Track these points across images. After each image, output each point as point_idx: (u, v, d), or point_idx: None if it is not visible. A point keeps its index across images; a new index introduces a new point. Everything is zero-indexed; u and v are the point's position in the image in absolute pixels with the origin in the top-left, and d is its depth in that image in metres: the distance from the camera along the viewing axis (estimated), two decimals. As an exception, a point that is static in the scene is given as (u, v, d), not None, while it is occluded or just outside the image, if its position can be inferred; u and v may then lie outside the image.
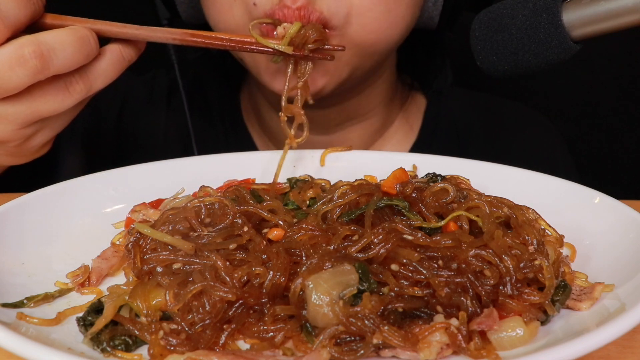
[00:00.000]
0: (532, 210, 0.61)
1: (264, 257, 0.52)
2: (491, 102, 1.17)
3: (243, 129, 1.10)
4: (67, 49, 0.65)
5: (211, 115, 1.11)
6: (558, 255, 0.57)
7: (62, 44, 0.64)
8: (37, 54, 0.62)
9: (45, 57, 0.63)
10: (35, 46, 0.63)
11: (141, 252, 0.55)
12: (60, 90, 0.67)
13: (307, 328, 0.48)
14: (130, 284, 0.56)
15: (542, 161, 1.10)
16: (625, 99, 1.52)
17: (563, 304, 0.52)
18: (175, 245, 0.54)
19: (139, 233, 0.56)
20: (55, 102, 0.67)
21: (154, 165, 0.78)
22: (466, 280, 0.50)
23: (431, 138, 1.08)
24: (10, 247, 0.61)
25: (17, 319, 0.50)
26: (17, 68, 0.62)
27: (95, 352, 0.47)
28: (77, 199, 0.70)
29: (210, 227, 0.57)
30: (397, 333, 0.46)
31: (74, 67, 0.66)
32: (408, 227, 0.53)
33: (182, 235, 0.56)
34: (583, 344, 0.42)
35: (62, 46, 0.64)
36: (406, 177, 0.62)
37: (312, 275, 0.49)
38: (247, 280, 0.51)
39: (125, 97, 1.11)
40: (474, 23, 0.72)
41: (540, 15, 0.65)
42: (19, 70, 0.62)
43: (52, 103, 0.67)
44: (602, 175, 1.43)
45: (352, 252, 0.52)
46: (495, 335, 0.47)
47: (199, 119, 1.09)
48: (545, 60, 0.67)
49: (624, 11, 0.61)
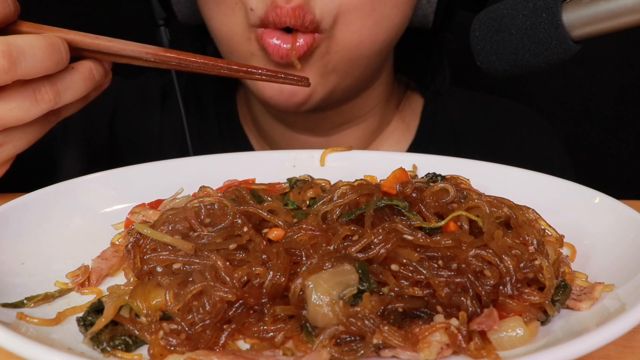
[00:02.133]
0: (532, 210, 0.61)
1: (264, 257, 0.52)
2: (488, 101, 1.17)
3: (239, 130, 1.10)
4: (37, 54, 0.63)
5: (207, 116, 1.11)
6: (558, 255, 0.57)
7: (32, 48, 0.63)
8: (5, 54, 0.61)
9: (14, 58, 0.61)
10: (4, 46, 0.61)
11: (141, 252, 0.55)
12: (27, 97, 0.65)
13: (307, 328, 0.48)
14: (130, 284, 0.56)
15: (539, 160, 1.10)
16: (625, 99, 1.52)
17: (563, 304, 0.52)
18: (175, 245, 0.54)
19: (139, 233, 0.56)
20: (21, 110, 0.65)
21: (154, 165, 0.78)
22: (466, 280, 0.50)
23: (429, 138, 1.08)
24: (10, 247, 0.61)
25: (17, 319, 0.50)
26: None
27: (95, 352, 0.47)
28: (77, 199, 0.70)
29: (210, 227, 0.57)
30: (397, 333, 0.46)
31: (42, 72, 0.65)
32: (408, 227, 0.53)
33: (182, 235, 0.56)
34: (583, 344, 0.42)
35: (32, 50, 0.63)
36: (406, 177, 0.62)
37: (312, 275, 0.49)
38: (247, 281, 0.51)
39: (116, 102, 1.10)
40: (474, 23, 0.72)
41: (540, 15, 0.65)
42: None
43: (18, 110, 0.65)
44: (602, 175, 1.43)
45: (352, 252, 0.52)
46: (495, 335, 0.47)
47: (194, 121, 1.08)
48: (545, 60, 0.67)
49: (624, 11, 0.61)
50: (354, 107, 1.00)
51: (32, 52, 0.63)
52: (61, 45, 0.66)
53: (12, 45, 0.62)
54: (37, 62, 0.63)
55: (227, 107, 1.11)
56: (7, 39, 0.62)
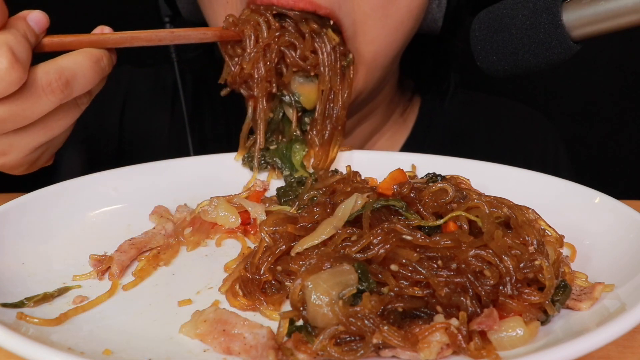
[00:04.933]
0: (532, 211, 0.61)
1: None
2: (487, 100, 1.17)
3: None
4: (87, 74, 0.66)
5: (216, 114, 1.11)
6: (558, 255, 0.57)
7: (82, 69, 0.66)
8: (63, 82, 0.63)
9: (69, 82, 0.64)
10: (57, 73, 0.63)
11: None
12: (71, 107, 0.68)
13: (307, 328, 0.48)
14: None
15: (539, 160, 1.10)
16: (625, 99, 1.52)
17: (563, 304, 0.52)
18: None
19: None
20: (66, 121, 0.68)
21: (154, 165, 0.78)
22: (466, 280, 0.50)
23: (424, 135, 1.08)
24: (10, 247, 0.61)
25: (17, 319, 0.50)
26: (45, 97, 0.63)
27: (96, 352, 0.47)
28: (77, 199, 0.70)
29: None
30: (397, 333, 0.46)
31: (90, 87, 0.67)
32: (407, 227, 0.53)
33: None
34: (583, 344, 0.42)
35: (83, 71, 0.66)
36: (404, 177, 0.62)
37: (312, 275, 0.49)
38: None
39: (127, 90, 1.11)
40: (474, 23, 0.72)
41: (540, 15, 0.65)
42: (48, 98, 0.63)
43: (64, 123, 0.68)
44: (602, 175, 1.44)
45: (351, 252, 0.52)
46: (495, 335, 0.47)
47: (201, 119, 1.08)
48: (545, 60, 0.67)
49: (624, 11, 0.61)
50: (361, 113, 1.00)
51: (82, 73, 0.66)
52: (104, 57, 0.69)
53: (65, 69, 0.64)
54: (87, 82, 0.66)
55: (237, 105, 1.11)
56: (58, 65, 0.64)
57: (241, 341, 0.48)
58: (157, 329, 0.52)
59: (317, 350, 0.46)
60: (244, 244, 0.66)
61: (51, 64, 0.64)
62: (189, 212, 0.71)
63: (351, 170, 0.71)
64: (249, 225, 0.69)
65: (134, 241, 0.64)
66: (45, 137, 0.67)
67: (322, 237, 0.55)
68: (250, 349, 0.47)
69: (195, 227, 0.68)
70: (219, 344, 0.48)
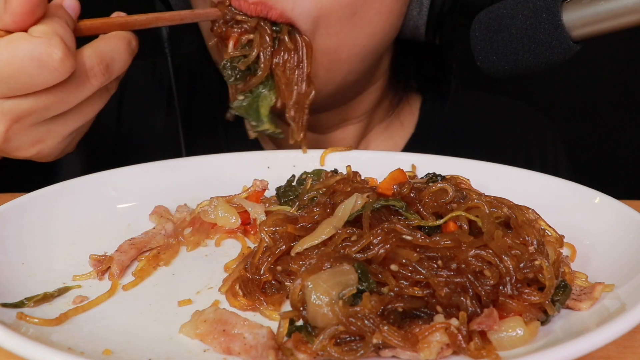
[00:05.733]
0: (532, 211, 0.61)
1: None
2: (489, 100, 1.17)
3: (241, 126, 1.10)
4: (123, 56, 0.67)
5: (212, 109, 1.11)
6: (558, 255, 0.57)
7: (119, 51, 0.67)
8: (104, 66, 0.65)
9: (110, 67, 0.66)
10: (98, 57, 0.65)
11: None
12: (103, 92, 0.69)
13: (307, 328, 0.48)
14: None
15: (539, 160, 1.10)
16: (625, 99, 1.52)
17: (563, 304, 0.52)
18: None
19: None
20: (98, 106, 0.69)
21: (154, 165, 0.78)
22: (466, 280, 0.50)
23: (426, 135, 1.08)
24: (10, 247, 0.61)
25: (17, 319, 0.50)
26: (88, 82, 0.64)
27: (96, 352, 0.47)
28: (77, 199, 0.70)
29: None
30: (397, 333, 0.46)
31: (125, 69, 0.69)
32: (407, 227, 0.53)
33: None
34: (583, 344, 0.42)
35: (119, 54, 0.67)
36: (404, 178, 0.62)
37: (312, 275, 0.49)
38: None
39: (124, 83, 1.11)
40: (474, 23, 0.72)
41: (540, 15, 0.65)
42: (91, 83, 0.64)
43: (96, 107, 0.69)
44: (602, 175, 1.44)
45: (351, 252, 0.52)
46: (495, 335, 0.47)
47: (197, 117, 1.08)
48: (545, 60, 0.67)
49: (624, 11, 0.61)
50: (349, 109, 1.00)
51: (119, 56, 0.67)
52: (132, 39, 0.70)
53: (104, 53, 0.66)
54: (123, 64, 0.68)
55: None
56: (98, 49, 0.66)
57: (241, 341, 0.48)
58: (157, 329, 0.52)
59: (317, 350, 0.46)
60: (244, 244, 0.66)
61: (91, 49, 0.65)
62: (189, 212, 0.71)
63: (351, 170, 0.71)
64: (249, 225, 0.69)
65: (134, 241, 0.64)
66: (79, 122, 0.68)
67: (322, 237, 0.55)
68: (250, 349, 0.47)
69: (195, 227, 0.68)
70: (219, 344, 0.48)
